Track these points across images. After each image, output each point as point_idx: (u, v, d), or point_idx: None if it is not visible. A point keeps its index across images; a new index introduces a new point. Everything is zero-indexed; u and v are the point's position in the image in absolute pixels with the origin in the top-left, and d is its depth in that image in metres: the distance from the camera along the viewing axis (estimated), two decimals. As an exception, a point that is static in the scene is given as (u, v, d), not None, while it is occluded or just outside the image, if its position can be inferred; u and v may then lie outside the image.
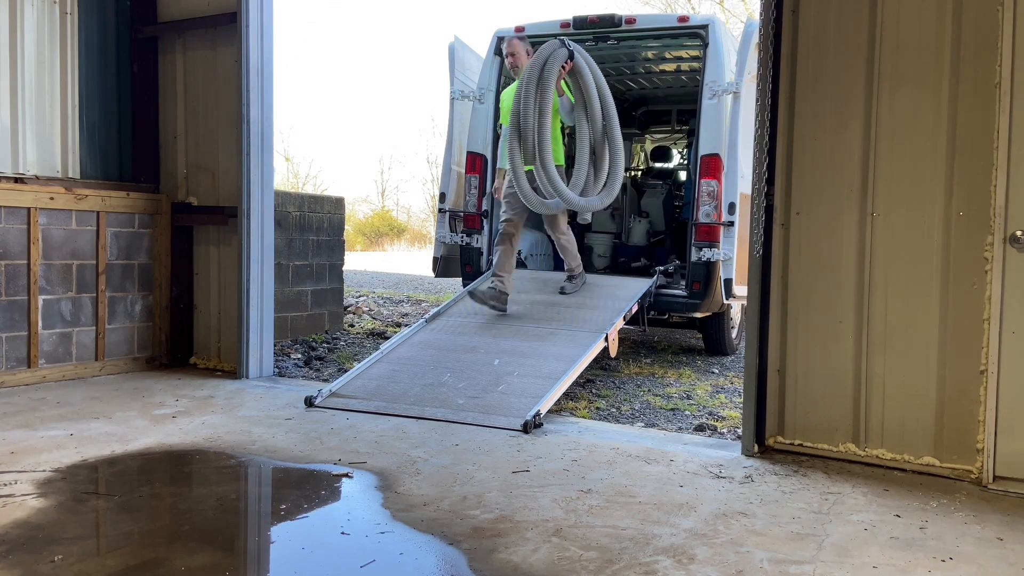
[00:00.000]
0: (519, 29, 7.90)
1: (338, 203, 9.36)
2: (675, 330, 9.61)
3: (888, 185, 4.17)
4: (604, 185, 6.46)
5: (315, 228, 8.91)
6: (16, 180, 5.93)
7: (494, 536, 3.21)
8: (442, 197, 8.13)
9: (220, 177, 6.53)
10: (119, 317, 6.47)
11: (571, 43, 6.16)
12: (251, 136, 6.23)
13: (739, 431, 4.84)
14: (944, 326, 4.06)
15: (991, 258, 3.92)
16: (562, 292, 6.96)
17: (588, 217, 7.87)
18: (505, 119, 6.66)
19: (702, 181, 7.08)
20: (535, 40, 8.11)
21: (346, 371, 6.12)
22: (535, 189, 6.34)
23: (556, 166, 6.31)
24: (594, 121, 6.29)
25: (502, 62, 7.92)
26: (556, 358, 5.73)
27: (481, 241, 7.84)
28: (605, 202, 6.50)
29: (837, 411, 4.30)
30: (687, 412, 5.78)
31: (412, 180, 55.14)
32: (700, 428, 5.29)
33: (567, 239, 6.94)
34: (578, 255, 7.11)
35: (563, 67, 6.06)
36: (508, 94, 6.77)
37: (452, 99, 8.06)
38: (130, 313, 6.54)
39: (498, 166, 7.19)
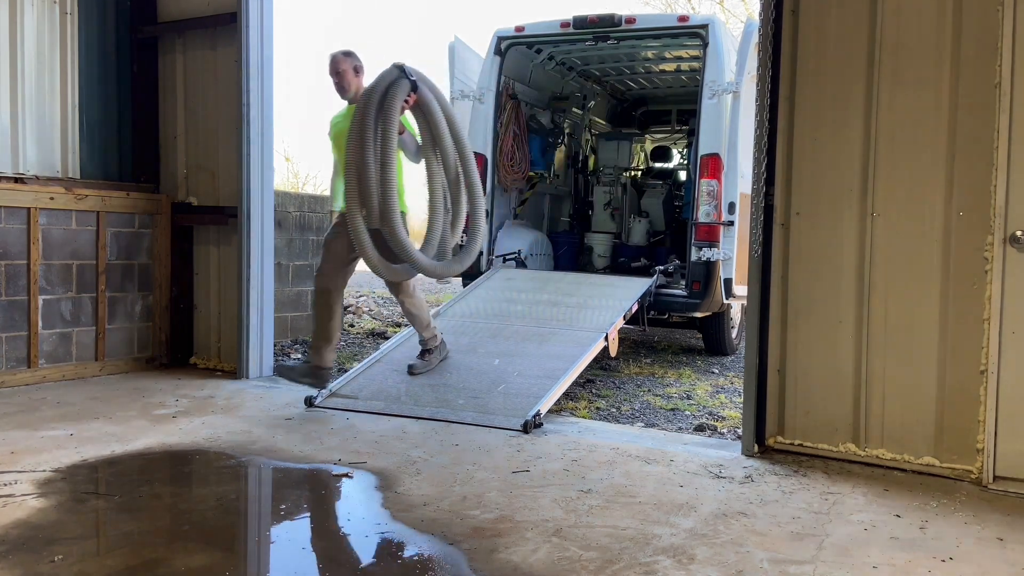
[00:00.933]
0: (519, 29, 7.91)
1: (338, 203, 9.34)
2: (675, 330, 9.61)
3: (888, 185, 4.17)
4: (462, 243, 5.55)
5: (315, 228, 8.90)
6: (16, 180, 5.93)
7: (494, 536, 3.21)
8: (442, 197, 8.13)
9: (220, 177, 6.53)
10: (119, 317, 6.47)
11: (412, 71, 5.12)
12: (251, 136, 6.23)
13: (739, 431, 4.84)
14: (944, 326, 4.06)
15: (991, 258, 3.92)
16: (410, 372, 5.64)
17: (449, 280, 7.31)
18: (337, 150, 5.53)
19: (702, 181, 7.08)
20: (533, 41, 8.16)
21: (346, 371, 6.11)
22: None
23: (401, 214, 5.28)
24: (448, 165, 5.27)
25: (502, 62, 7.94)
26: (556, 358, 5.73)
27: (481, 240, 7.85)
28: (465, 263, 5.57)
29: (837, 411, 4.30)
30: (687, 412, 5.78)
31: (412, 180, 55.00)
32: (700, 428, 5.29)
33: (413, 303, 5.65)
34: (431, 322, 5.77)
35: (406, 100, 5.05)
36: (340, 118, 5.55)
37: (452, 99, 8.05)
38: (130, 313, 6.54)
39: (333, 207, 5.77)
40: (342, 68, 5.42)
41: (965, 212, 3.99)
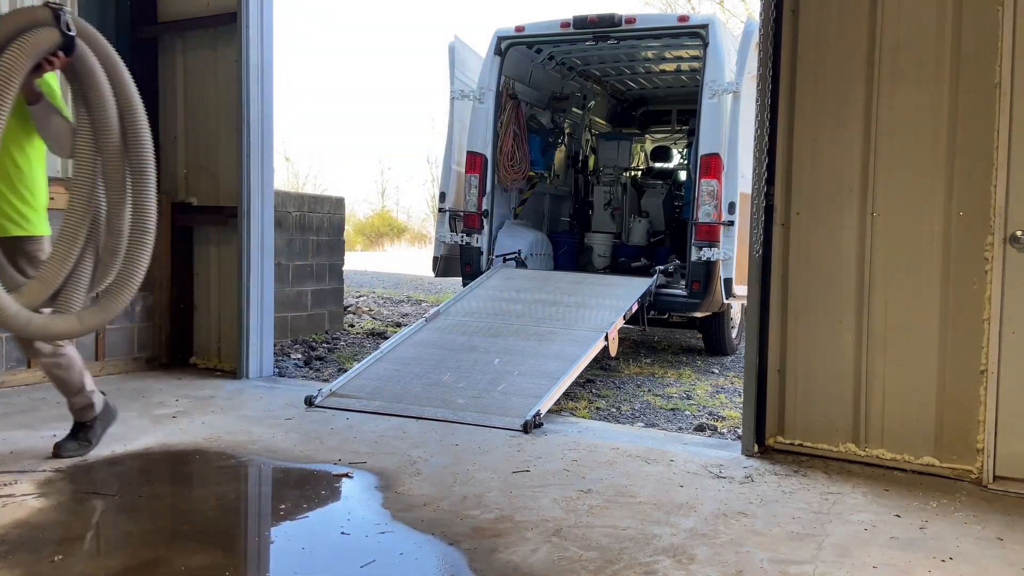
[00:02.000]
0: (519, 29, 7.90)
1: (338, 203, 9.36)
2: (675, 330, 9.61)
3: (888, 185, 4.17)
4: (112, 284, 3.71)
5: (315, 228, 8.91)
6: (16, 180, 5.92)
7: (494, 536, 3.21)
8: (442, 197, 8.16)
9: (220, 177, 6.52)
10: (119, 317, 6.45)
11: (76, 22, 3.48)
12: (251, 136, 6.22)
13: (739, 431, 4.84)
14: (944, 326, 4.06)
15: (991, 258, 3.92)
16: (57, 453, 4.02)
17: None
18: None
19: (702, 181, 7.08)
20: (533, 40, 8.16)
21: (346, 371, 6.11)
22: None
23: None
24: (110, 172, 3.54)
25: (502, 62, 7.94)
26: (556, 357, 5.73)
27: (481, 241, 7.88)
28: (90, 322, 3.70)
29: (837, 411, 4.30)
30: (687, 412, 5.78)
31: (412, 180, 55.11)
32: (700, 428, 5.29)
33: (57, 363, 3.94)
34: (86, 385, 4.06)
35: (49, 60, 3.40)
36: None
37: (452, 99, 8.08)
38: (130, 313, 6.53)
39: None
40: None
41: (965, 212, 4.00)
